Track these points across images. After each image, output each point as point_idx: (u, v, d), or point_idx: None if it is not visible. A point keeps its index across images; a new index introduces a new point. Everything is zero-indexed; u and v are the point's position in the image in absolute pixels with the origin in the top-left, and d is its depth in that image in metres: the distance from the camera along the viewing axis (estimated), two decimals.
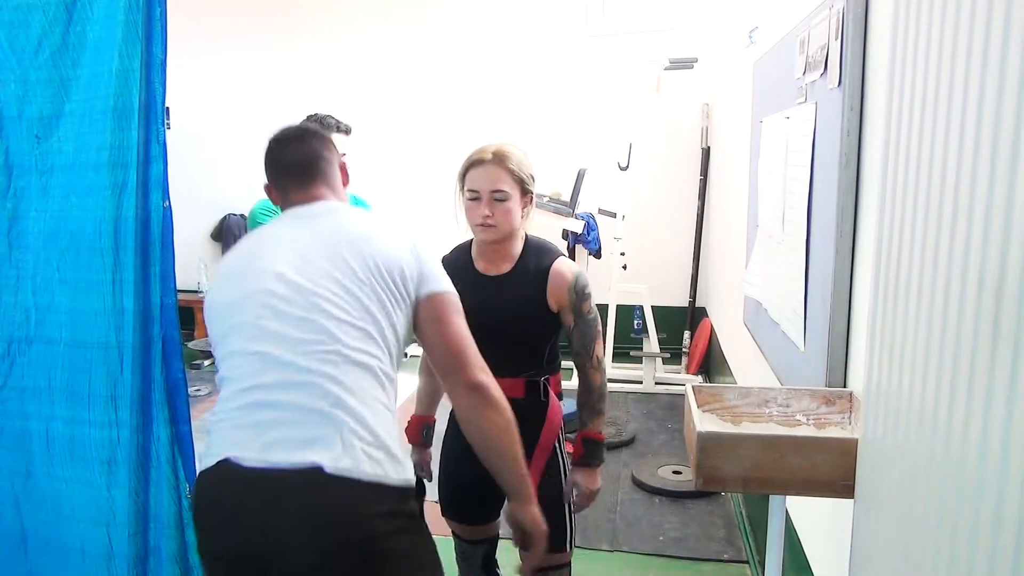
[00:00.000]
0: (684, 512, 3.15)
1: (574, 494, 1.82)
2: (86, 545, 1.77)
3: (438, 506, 1.94)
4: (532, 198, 1.77)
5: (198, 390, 4.78)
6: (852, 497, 1.33)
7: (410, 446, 1.99)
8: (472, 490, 1.84)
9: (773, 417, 1.58)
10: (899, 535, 1.09)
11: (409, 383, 2.76)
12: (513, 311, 1.74)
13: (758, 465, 1.35)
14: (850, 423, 1.52)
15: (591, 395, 1.81)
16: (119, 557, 1.76)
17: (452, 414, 1.79)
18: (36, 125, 1.73)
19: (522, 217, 1.75)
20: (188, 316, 5.78)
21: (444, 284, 1.42)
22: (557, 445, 1.85)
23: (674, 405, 4.52)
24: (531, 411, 1.77)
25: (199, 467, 1.32)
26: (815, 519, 1.91)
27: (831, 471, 1.33)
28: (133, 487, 1.73)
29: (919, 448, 1.01)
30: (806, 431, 1.53)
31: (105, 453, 1.73)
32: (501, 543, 2.03)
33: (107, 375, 1.71)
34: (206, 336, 6.13)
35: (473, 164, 1.72)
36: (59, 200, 1.73)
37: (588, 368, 1.80)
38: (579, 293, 1.75)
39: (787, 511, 1.91)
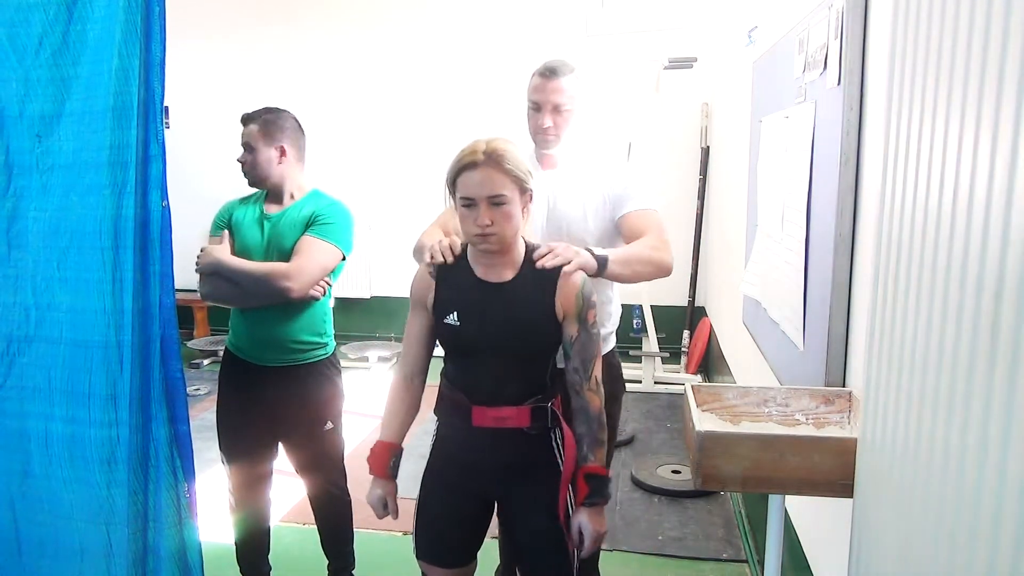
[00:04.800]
0: (683, 511, 3.15)
1: (581, 538, 1.61)
2: (85, 545, 1.77)
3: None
4: (531, 195, 1.59)
5: (197, 389, 4.78)
6: (851, 496, 1.33)
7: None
8: (456, 528, 1.69)
9: (772, 416, 1.58)
10: (898, 534, 1.09)
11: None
12: (521, 321, 1.58)
13: (757, 464, 1.35)
14: (849, 423, 1.52)
15: (591, 423, 1.62)
16: (118, 556, 1.75)
17: (436, 442, 1.72)
18: (37, 124, 1.73)
19: (522, 217, 1.58)
20: (187, 315, 5.77)
21: None
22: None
23: (673, 404, 4.52)
24: (540, 441, 1.64)
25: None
26: (814, 518, 1.91)
27: (830, 470, 1.33)
28: (132, 486, 1.73)
29: (918, 448, 1.02)
30: (805, 430, 1.53)
31: (105, 452, 1.73)
32: None
33: (107, 374, 1.71)
34: (205, 335, 6.12)
35: (464, 168, 1.52)
36: (59, 199, 1.73)
37: (586, 391, 1.62)
38: (586, 299, 1.61)
39: (786, 510, 1.92)
